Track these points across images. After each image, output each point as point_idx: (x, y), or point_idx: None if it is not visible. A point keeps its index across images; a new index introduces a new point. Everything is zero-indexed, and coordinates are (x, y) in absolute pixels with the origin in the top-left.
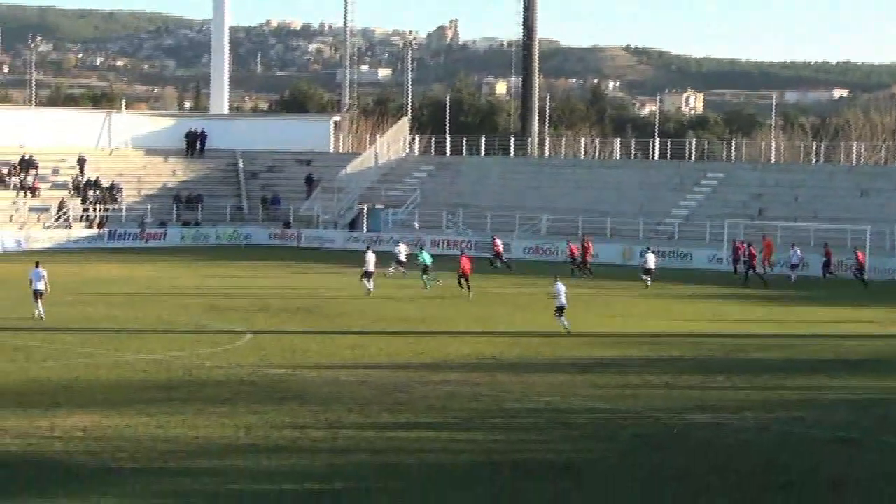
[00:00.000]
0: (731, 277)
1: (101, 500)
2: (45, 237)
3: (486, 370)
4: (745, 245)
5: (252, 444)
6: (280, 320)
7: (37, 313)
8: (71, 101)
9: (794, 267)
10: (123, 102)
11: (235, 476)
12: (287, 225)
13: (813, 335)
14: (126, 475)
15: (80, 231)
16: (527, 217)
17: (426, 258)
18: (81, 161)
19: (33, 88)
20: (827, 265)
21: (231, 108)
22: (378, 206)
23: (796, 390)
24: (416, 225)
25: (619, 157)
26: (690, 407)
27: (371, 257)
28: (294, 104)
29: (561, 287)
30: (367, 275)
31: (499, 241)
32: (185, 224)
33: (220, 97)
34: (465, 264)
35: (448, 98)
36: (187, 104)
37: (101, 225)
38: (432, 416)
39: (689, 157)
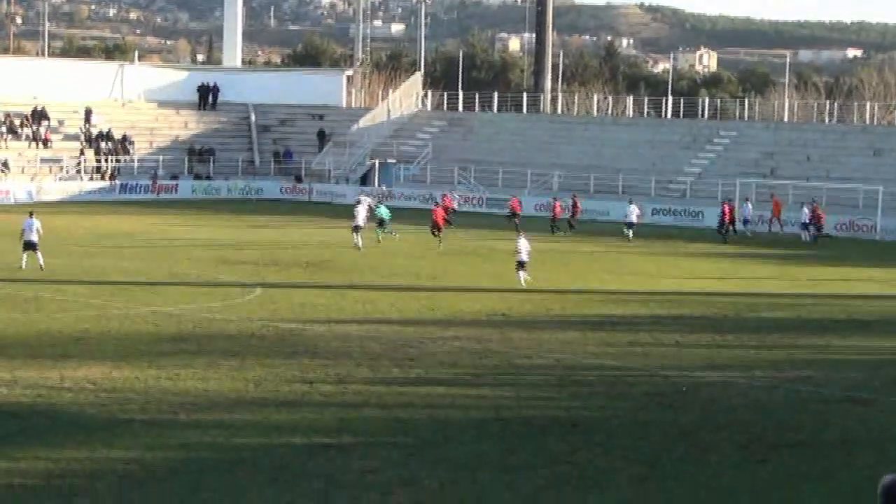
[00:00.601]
0: (735, 237)
1: (110, 452)
2: (56, 189)
3: (497, 326)
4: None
5: (261, 397)
6: (291, 275)
7: (23, 264)
8: (84, 52)
9: (805, 226)
10: (136, 55)
11: (244, 429)
12: (299, 179)
13: (824, 294)
14: (135, 427)
15: (91, 183)
16: (538, 174)
17: (384, 212)
18: (88, 112)
19: (46, 40)
20: (818, 227)
21: (244, 62)
22: (390, 161)
23: (806, 349)
24: (428, 181)
25: (631, 114)
26: (700, 365)
27: (362, 210)
28: (307, 58)
29: (523, 243)
30: (357, 228)
31: (559, 204)
32: (197, 177)
33: (233, 50)
34: (439, 215)
35: (461, 54)
36: (200, 57)
37: (112, 177)
38: (442, 371)
39: (702, 116)
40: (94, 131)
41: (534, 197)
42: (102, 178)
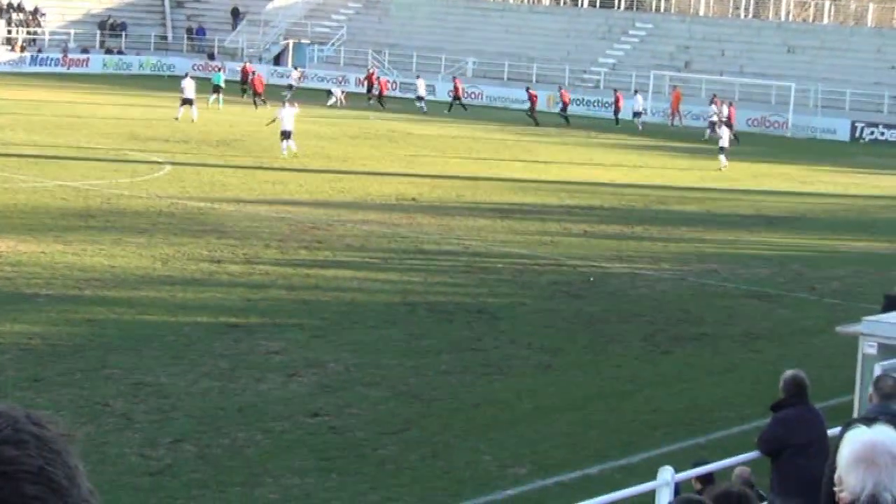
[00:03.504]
0: (651, 127)
1: (14, 326)
2: None
3: (406, 211)
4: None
5: (168, 275)
6: (201, 153)
7: None
8: None
9: (713, 125)
10: None
11: (150, 307)
12: (211, 57)
13: (733, 189)
14: (40, 302)
15: (1, 54)
16: (453, 59)
17: (219, 78)
18: None
19: None
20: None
21: None
22: (304, 41)
23: (713, 244)
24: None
25: (547, 2)
26: (608, 256)
27: (189, 83)
28: None
29: (288, 111)
30: (186, 101)
31: (567, 93)
32: (109, 52)
33: None
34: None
35: None
36: None
37: (22, 49)
38: (350, 254)
39: (619, 7)
40: (5, 2)
41: (448, 83)
42: (13, 49)
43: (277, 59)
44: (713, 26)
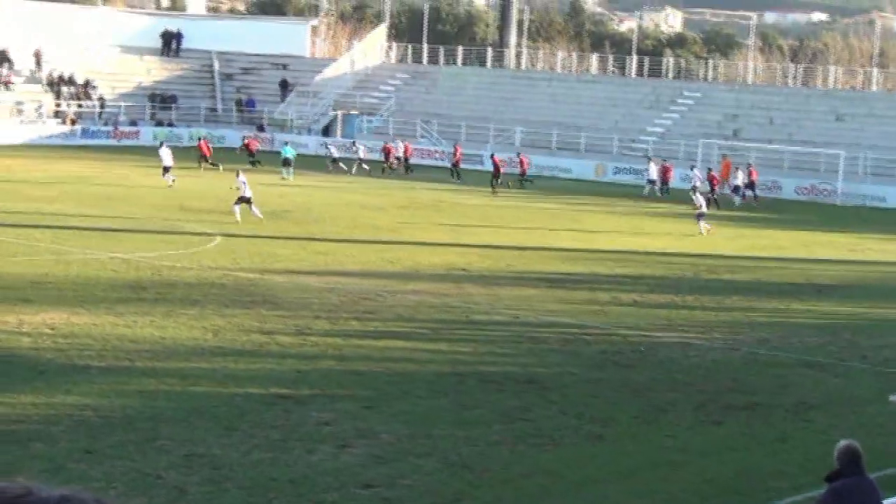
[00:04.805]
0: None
1: (67, 398)
2: (17, 132)
3: (455, 281)
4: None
5: (219, 346)
6: (251, 224)
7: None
8: None
9: (736, 189)
10: None
11: (202, 378)
12: (261, 128)
13: (782, 258)
14: (92, 374)
15: (52, 127)
16: (501, 129)
17: (288, 151)
18: (41, 56)
19: None
20: (750, 186)
21: (208, 9)
22: (353, 112)
23: (764, 312)
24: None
25: (595, 72)
26: (658, 325)
27: (165, 152)
28: (271, 7)
29: (243, 179)
30: (166, 169)
31: (525, 159)
32: (159, 124)
33: None
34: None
35: (426, 6)
36: (164, 3)
37: (73, 122)
38: (400, 325)
39: (666, 76)
40: (56, 75)
41: (497, 152)
42: (63, 122)
43: (326, 130)
44: (761, 94)
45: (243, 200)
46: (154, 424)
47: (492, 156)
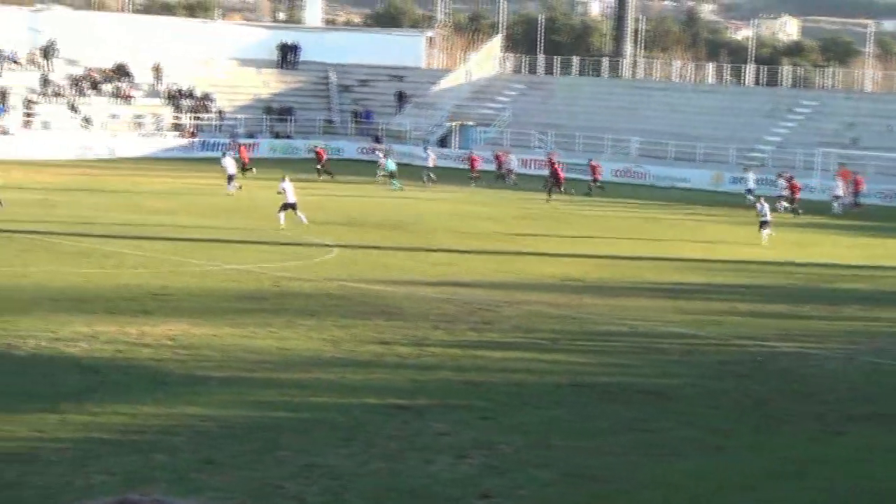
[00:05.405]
0: (817, 206)
1: (187, 409)
2: (137, 145)
3: (573, 292)
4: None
5: (338, 357)
6: (368, 235)
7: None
8: (166, 9)
9: (836, 197)
10: (218, 12)
11: (320, 389)
12: (377, 140)
13: None
14: (212, 384)
15: (171, 140)
16: (617, 139)
17: (391, 165)
18: (161, 70)
19: None
20: (855, 195)
21: (325, 22)
22: (468, 123)
23: (883, 322)
24: (506, 143)
25: (712, 81)
26: (776, 335)
27: (229, 162)
28: (387, 19)
29: (287, 185)
30: (230, 178)
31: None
32: (276, 136)
33: (315, 10)
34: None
35: (541, 17)
36: (281, 16)
37: (192, 134)
38: (518, 335)
39: (783, 84)
40: (175, 88)
41: (612, 162)
42: (182, 135)
43: (443, 141)
44: (880, 102)
45: (288, 206)
46: (273, 435)
47: (552, 162)
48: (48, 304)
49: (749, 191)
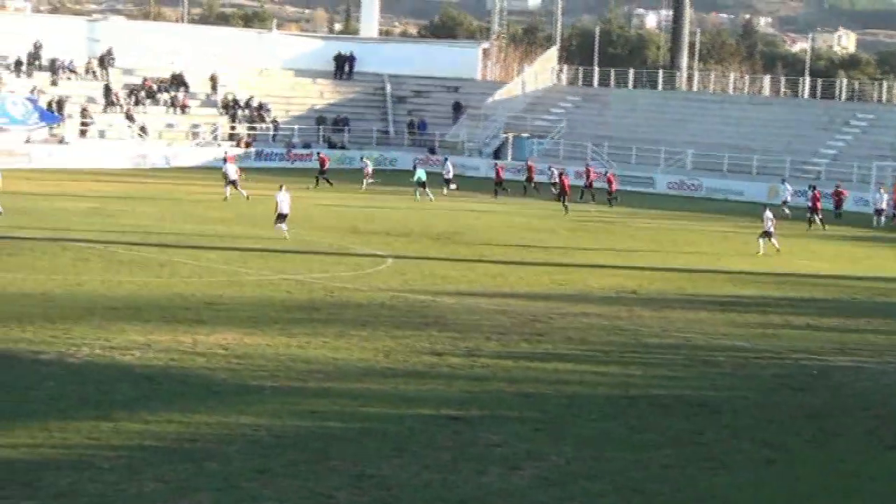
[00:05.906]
0: (865, 218)
1: (240, 418)
2: (192, 155)
3: (626, 304)
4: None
5: (390, 367)
6: (421, 246)
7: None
8: (222, 20)
9: (879, 211)
10: (274, 23)
11: (373, 399)
12: (432, 151)
13: None
14: (265, 393)
15: (227, 150)
16: (672, 151)
17: (422, 175)
18: (217, 80)
19: (186, 6)
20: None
21: (380, 32)
22: (524, 135)
23: None
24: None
25: (767, 94)
26: (831, 349)
27: (231, 168)
28: (443, 30)
29: (284, 195)
30: (232, 182)
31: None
32: (332, 146)
33: (370, 20)
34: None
35: (597, 29)
36: (337, 27)
37: (248, 144)
38: (570, 347)
39: (839, 97)
40: (231, 98)
41: (667, 174)
42: (237, 144)
43: (497, 153)
44: None
45: (282, 217)
46: (325, 444)
47: (560, 174)
48: (103, 313)
49: (784, 202)
